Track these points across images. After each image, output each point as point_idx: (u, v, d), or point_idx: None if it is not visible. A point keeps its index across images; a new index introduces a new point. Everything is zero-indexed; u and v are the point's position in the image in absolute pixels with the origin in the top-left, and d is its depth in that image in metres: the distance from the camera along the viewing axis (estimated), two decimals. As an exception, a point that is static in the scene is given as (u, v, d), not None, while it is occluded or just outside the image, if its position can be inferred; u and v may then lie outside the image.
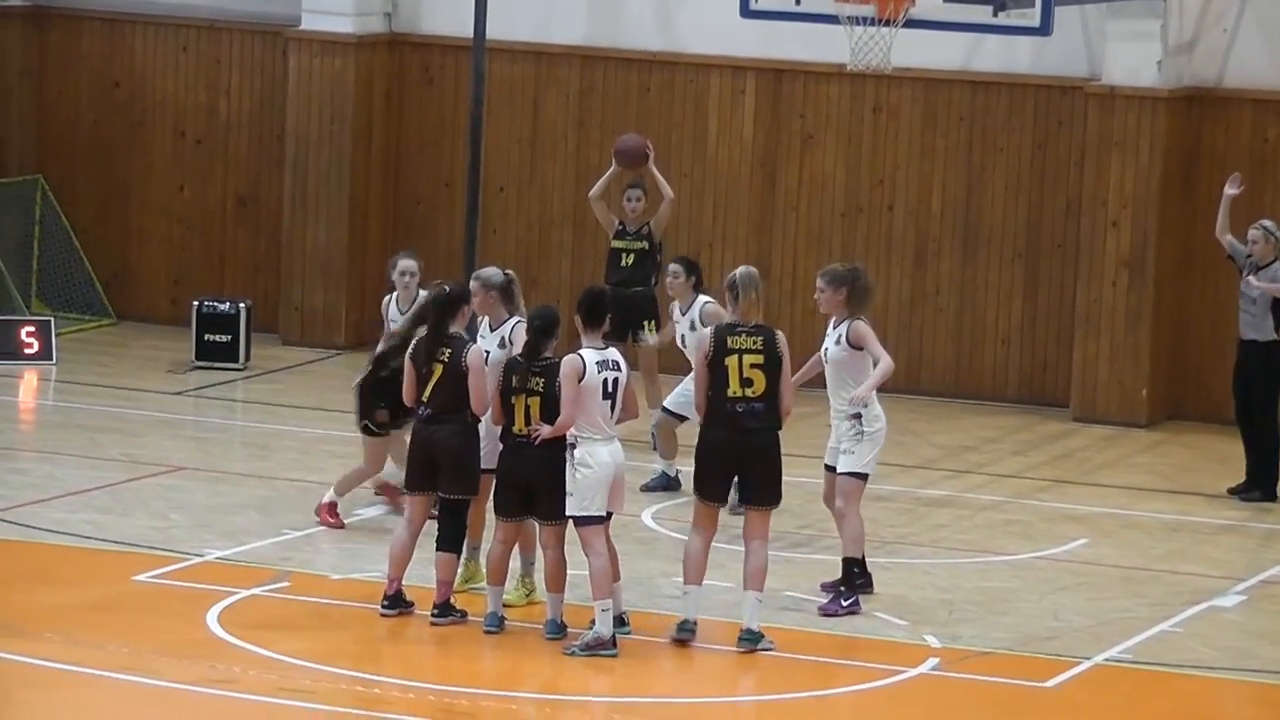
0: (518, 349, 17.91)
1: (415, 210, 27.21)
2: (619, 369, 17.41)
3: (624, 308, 23.08)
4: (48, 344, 26.03)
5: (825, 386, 18.56)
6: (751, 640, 17.47)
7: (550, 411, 17.22)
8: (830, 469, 18.71)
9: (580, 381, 17.16)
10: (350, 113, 27.09)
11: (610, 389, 17.29)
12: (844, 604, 18.51)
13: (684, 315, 21.24)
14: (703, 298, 21.13)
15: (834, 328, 18.61)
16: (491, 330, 18.42)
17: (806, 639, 18.00)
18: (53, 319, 26.56)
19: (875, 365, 18.40)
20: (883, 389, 18.45)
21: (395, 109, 27.40)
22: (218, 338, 26.18)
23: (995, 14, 21.80)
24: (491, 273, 18.50)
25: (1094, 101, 25.25)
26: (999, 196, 25.92)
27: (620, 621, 17.69)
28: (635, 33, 26.78)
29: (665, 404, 21.22)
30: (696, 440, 17.83)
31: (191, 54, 27.94)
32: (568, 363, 17.27)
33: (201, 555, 19.22)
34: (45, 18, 28.27)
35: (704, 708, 16.87)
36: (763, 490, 17.56)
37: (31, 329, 26.10)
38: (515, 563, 17.92)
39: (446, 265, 26.11)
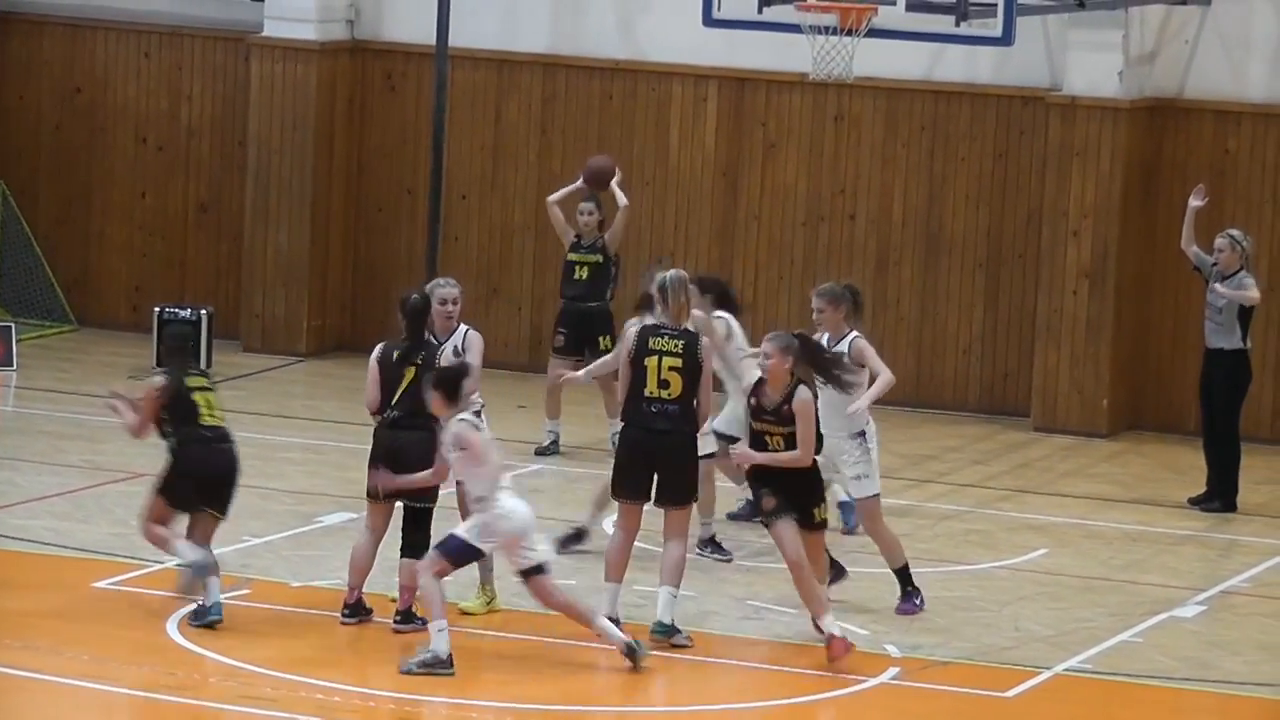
0: (470, 356, 18.09)
1: (377, 217, 27.19)
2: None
3: (578, 322, 23.12)
4: (8, 350, 26.02)
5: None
6: (664, 632, 17.64)
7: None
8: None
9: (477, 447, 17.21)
10: (313, 119, 27.08)
11: None
12: (917, 602, 18.77)
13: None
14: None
15: (832, 344, 18.71)
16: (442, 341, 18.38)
17: (767, 647, 18.06)
18: (13, 325, 26.54)
19: (873, 380, 18.67)
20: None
21: (357, 115, 27.41)
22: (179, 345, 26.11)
23: (958, 24, 21.77)
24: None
25: (1055, 111, 25.30)
26: (960, 206, 25.96)
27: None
28: (598, 41, 26.80)
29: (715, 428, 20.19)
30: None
31: (154, 59, 27.92)
32: (463, 435, 17.19)
33: (162, 562, 19.15)
34: (6, 22, 28.22)
35: (670, 715, 17.00)
36: (674, 490, 17.76)
37: (-10, 334, 26.13)
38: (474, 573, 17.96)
39: (407, 272, 26.16)
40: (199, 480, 17.81)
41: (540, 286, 26.86)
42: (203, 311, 26.08)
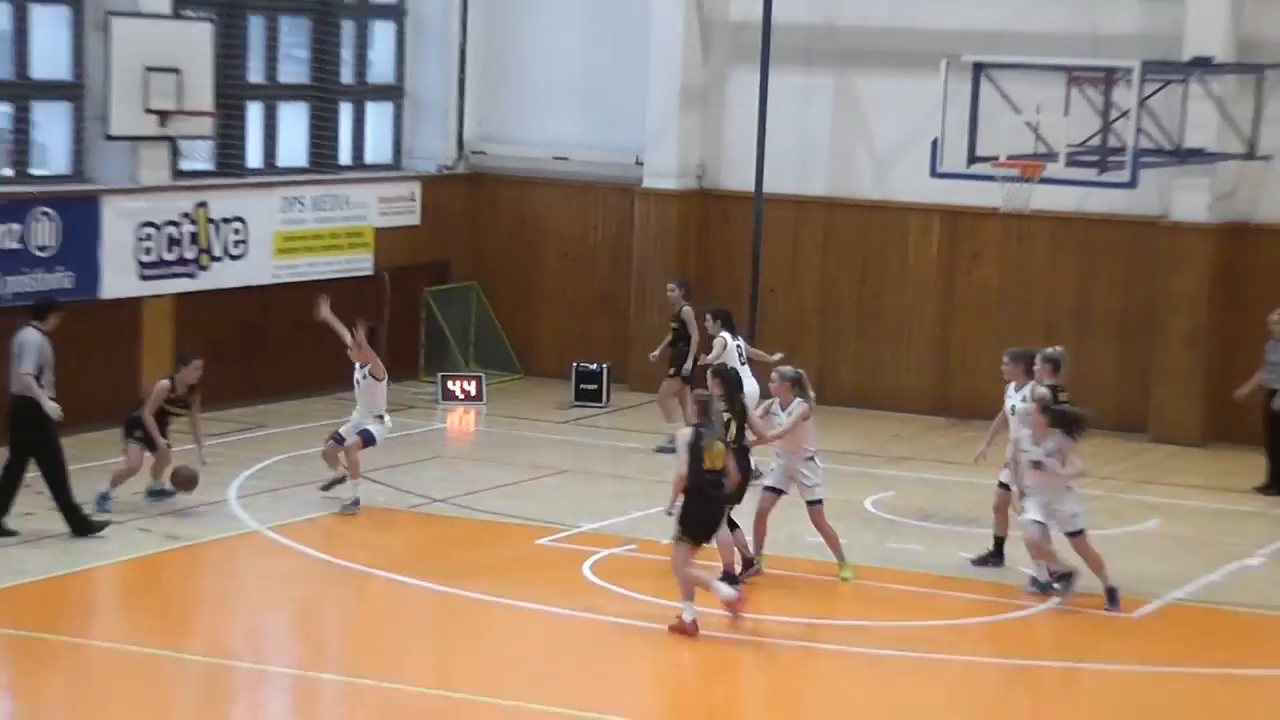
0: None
1: (717, 303, 27.11)
2: None
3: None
4: (481, 390, 26.47)
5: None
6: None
7: None
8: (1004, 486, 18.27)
9: None
10: (674, 241, 27.32)
11: None
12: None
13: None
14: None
15: (1015, 390, 18.24)
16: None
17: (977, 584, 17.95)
18: (483, 374, 26.98)
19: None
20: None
21: (704, 237, 27.61)
22: (588, 386, 26.47)
23: (1099, 173, 21.72)
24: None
25: (1165, 231, 25.12)
26: (1102, 295, 25.81)
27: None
28: (861, 186, 26.87)
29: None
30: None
31: (572, 202, 28.30)
32: None
33: (579, 527, 19.44)
34: (479, 179, 28.76)
35: (875, 630, 16.70)
36: None
37: (470, 381, 26.54)
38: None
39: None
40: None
41: (825, 348, 26.93)
42: (604, 365, 26.42)
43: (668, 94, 27.14)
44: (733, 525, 17.33)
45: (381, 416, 20.00)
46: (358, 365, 19.96)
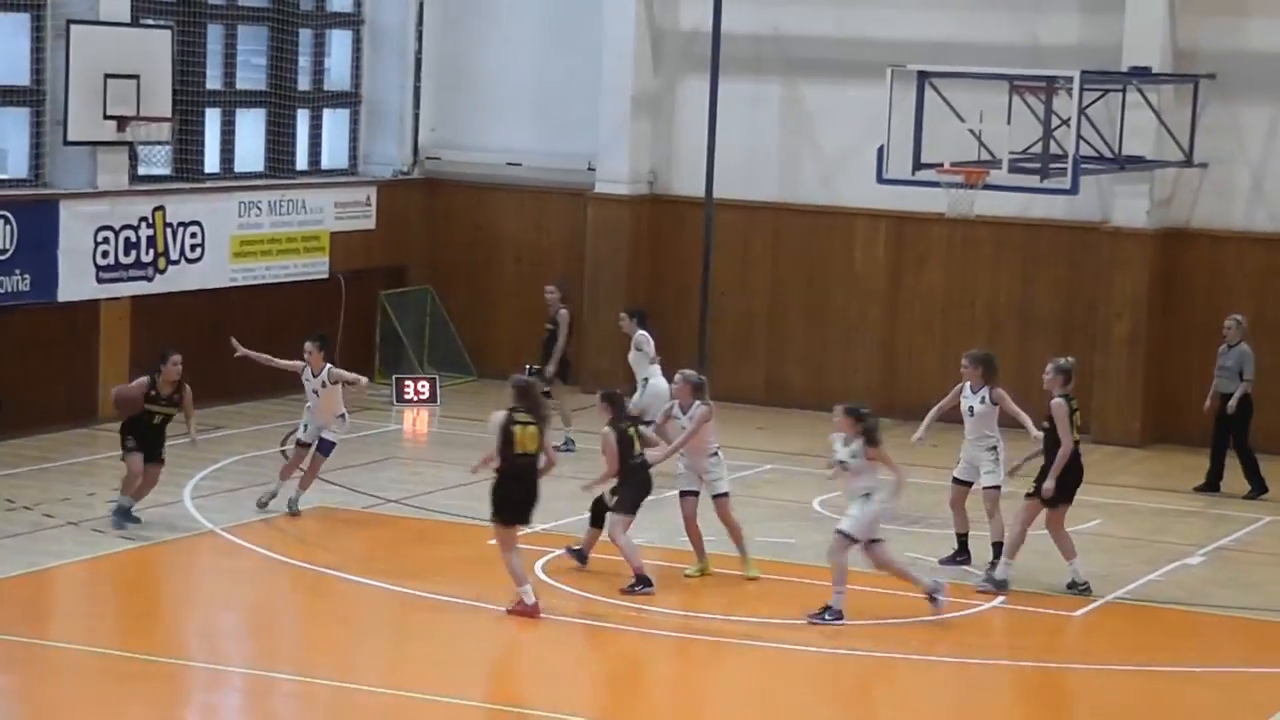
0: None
1: (667, 306, 27.35)
2: None
3: None
4: (435, 392, 26.37)
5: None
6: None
7: None
8: (959, 481, 18.39)
9: None
10: (626, 245, 27.30)
11: None
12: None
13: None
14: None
15: (973, 391, 18.27)
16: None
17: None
18: (437, 377, 26.89)
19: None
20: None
21: (655, 243, 27.58)
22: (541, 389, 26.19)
23: (1041, 180, 21.77)
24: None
25: (1105, 236, 25.18)
26: (1045, 298, 25.85)
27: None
28: (809, 192, 26.86)
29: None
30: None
31: (527, 208, 28.25)
32: None
33: (531, 527, 19.18)
34: (434, 184, 28.69)
35: (822, 629, 16.66)
36: None
37: (424, 383, 26.44)
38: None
39: (688, 341, 26.28)
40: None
41: (773, 351, 26.94)
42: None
43: (620, 101, 27.09)
44: (599, 516, 17.56)
45: (343, 415, 19.78)
46: (311, 373, 19.70)
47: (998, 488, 18.27)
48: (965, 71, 22.49)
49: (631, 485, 17.13)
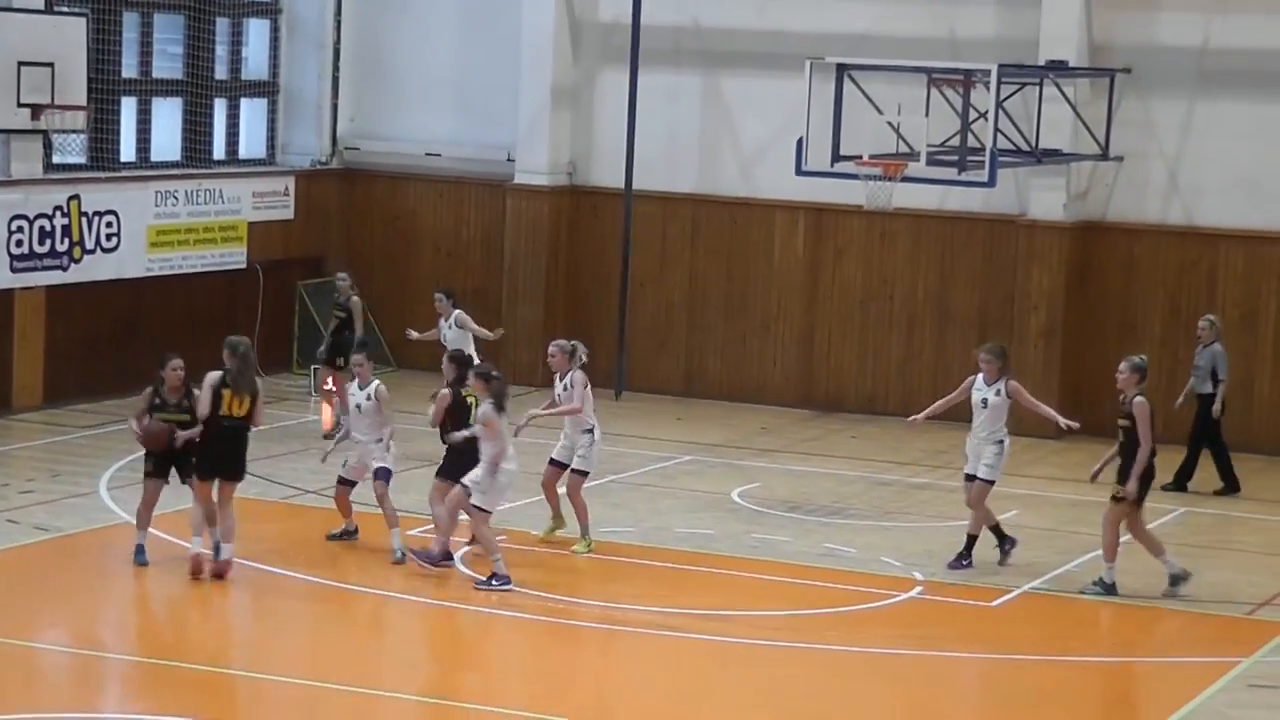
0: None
1: (586, 297, 27.34)
2: None
3: None
4: (353, 383, 26.04)
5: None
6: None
7: None
8: (970, 478, 18.31)
9: None
10: (545, 236, 27.21)
11: None
12: (963, 563, 18.08)
13: None
14: None
15: (988, 384, 18.09)
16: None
17: (841, 574, 17.92)
18: (356, 367, 26.58)
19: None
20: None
21: (574, 233, 27.49)
22: (460, 379, 26.07)
23: (959, 172, 21.79)
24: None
25: (1022, 229, 25.23)
26: (962, 290, 25.89)
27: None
28: (728, 184, 26.84)
29: None
30: None
31: (445, 198, 28.12)
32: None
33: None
34: (353, 174, 28.52)
35: (740, 619, 16.62)
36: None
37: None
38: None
39: (607, 332, 26.24)
40: None
41: (692, 342, 26.89)
42: (477, 357, 25.95)
43: (539, 92, 26.95)
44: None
45: (387, 439, 18.14)
46: (358, 386, 18.15)
47: (991, 482, 18.24)
48: (884, 64, 22.52)
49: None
